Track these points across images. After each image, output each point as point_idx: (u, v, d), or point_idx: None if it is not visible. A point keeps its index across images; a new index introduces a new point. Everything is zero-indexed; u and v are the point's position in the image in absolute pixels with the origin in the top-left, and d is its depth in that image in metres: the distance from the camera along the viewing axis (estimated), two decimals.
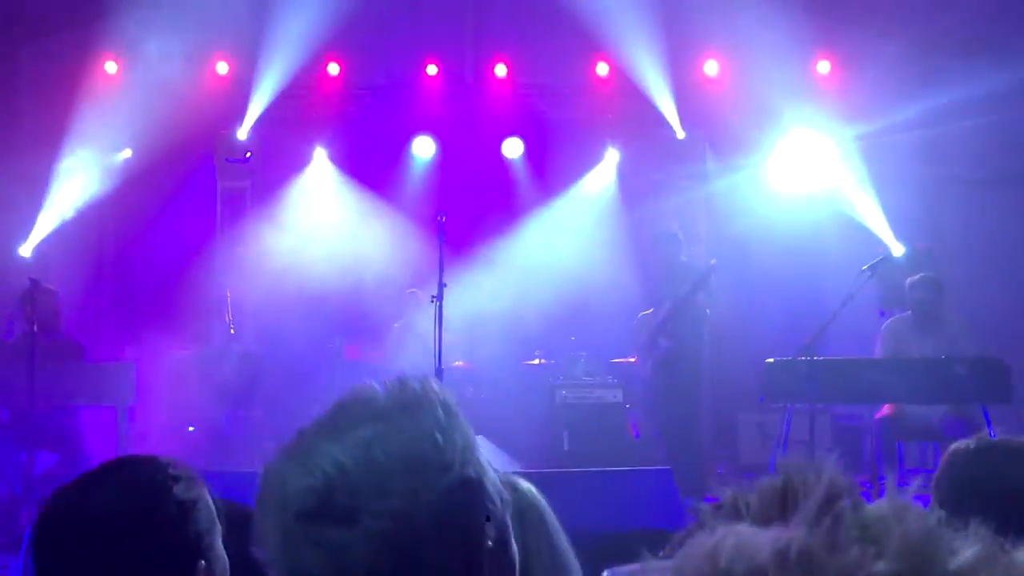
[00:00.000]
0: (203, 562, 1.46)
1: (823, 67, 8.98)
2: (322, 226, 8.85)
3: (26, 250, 8.55)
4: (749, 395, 7.66)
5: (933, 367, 6.02)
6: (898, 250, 7.75)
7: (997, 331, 7.46)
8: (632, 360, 7.59)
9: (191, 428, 7.35)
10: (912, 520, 0.60)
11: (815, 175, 8.81)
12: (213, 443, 7.29)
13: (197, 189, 9.10)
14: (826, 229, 9.06)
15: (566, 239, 8.80)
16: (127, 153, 8.85)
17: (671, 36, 8.66)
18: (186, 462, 1.59)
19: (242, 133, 8.94)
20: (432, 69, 9.27)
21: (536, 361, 8.16)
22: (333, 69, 9.16)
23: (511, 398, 8.28)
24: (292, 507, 0.93)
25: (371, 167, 9.24)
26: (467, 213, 8.38)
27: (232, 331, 7.78)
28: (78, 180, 8.67)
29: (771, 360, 6.36)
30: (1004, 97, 8.50)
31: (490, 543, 0.98)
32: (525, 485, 1.65)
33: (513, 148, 9.29)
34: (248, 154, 8.95)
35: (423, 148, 9.24)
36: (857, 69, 8.87)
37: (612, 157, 9.33)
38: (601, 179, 9.38)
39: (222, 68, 9.02)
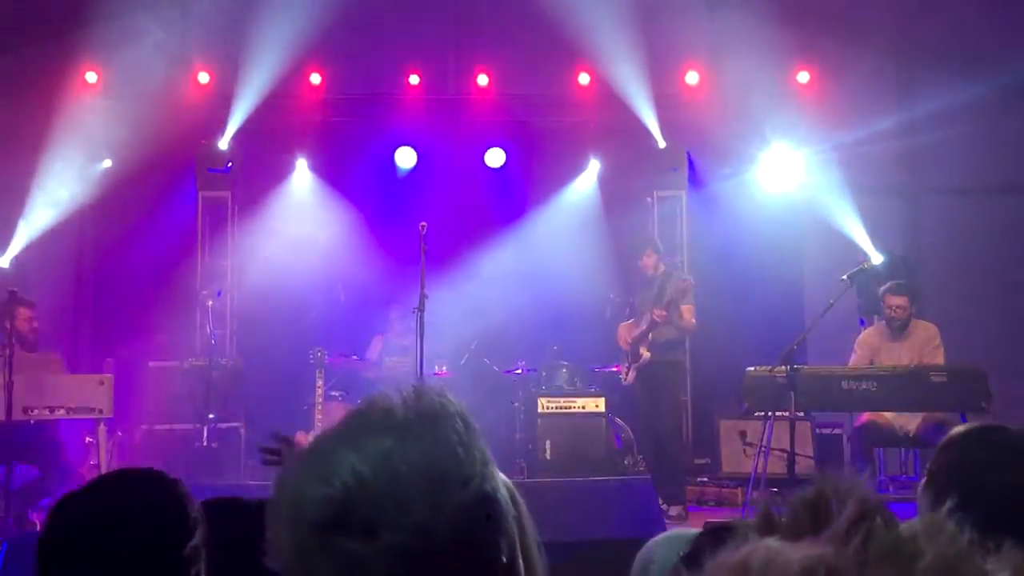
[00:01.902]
0: (196, 570, 1.49)
1: (802, 77, 9.05)
2: (304, 236, 8.83)
3: (4, 261, 8.49)
4: (730, 403, 7.69)
5: (912, 375, 6.07)
6: (877, 259, 7.81)
7: (974, 338, 7.54)
8: (614, 369, 7.61)
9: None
10: (944, 541, 0.59)
11: (795, 184, 8.88)
12: (193, 455, 7.25)
13: (178, 199, 9.05)
14: (806, 238, 9.14)
15: (548, 249, 8.82)
16: (107, 163, 8.81)
17: (652, 46, 8.71)
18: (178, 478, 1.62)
19: (223, 143, 8.91)
20: (414, 79, 9.28)
21: (518, 370, 8.17)
22: (315, 79, 9.16)
23: (493, 407, 8.28)
24: (308, 516, 0.91)
25: (353, 177, 9.23)
26: (449, 223, 8.39)
27: (212, 342, 7.74)
28: (57, 190, 8.62)
29: (752, 369, 6.39)
30: (981, 108, 8.61)
31: (504, 559, 0.97)
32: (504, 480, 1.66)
33: (495, 158, 9.30)
34: (229, 164, 8.91)
35: (405, 158, 9.24)
36: (836, 80, 8.96)
37: (594, 167, 9.36)
38: (583, 188, 9.41)
39: (203, 78, 9.00)
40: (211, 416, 7.37)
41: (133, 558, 1.43)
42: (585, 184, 9.41)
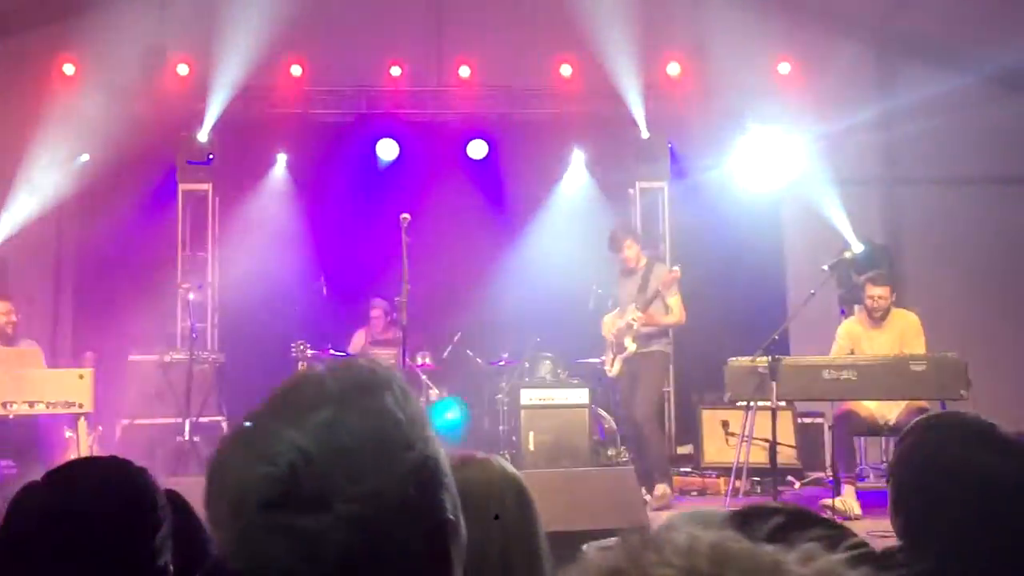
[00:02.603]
0: (163, 561, 1.48)
1: (784, 68, 9.07)
2: (285, 229, 8.79)
3: None
4: (713, 393, 7.73)
5: (891, 364, 6.12)
6: (858, 248, 7.86)
7: (954, 327, 7.59)
8: (597, 361, 7.61)
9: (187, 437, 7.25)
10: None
11: (776, 175, 8.91)
12: (174, 450, 7.21)
13: (158, 192, 8.99)
14: (788, 228, 9.18)
15: (531, 240, 8.82)
16: (86, 156, 8.73)
17: (635, 37, 8.71)
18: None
19: (203, 135, 8.84)
20: (396, 70, 9.24)
21: (502, 362, 8.17)
22: (295, 70, 9.10)
23: (477, 399, 8.29)
24: (253, 498, 0.90)
25: (334, 169, 9.19)
26: (431, 215, 8.37)
27: (193, 336, 7.69)
28: (36, 183, 8.54)
29: (734, 359, 6.42)
30: (960, 98, 8.67)
31: (450, 516, 0.98)
32: (511, 469, 1.68)
33: (477, 149, 9.28)
34: (210, 156, 8.85)
35: (387, 150, 9.21)
36: (818, 70, 8.98)
37: (577, 158, 9.36)
38: (565, 179, 9.41)
39: (182, 70, 8.93)
40: (192, 410, 7.33)
41: (90, 550, 1.41)
42: (567, 175, 9.41)
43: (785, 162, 8.83)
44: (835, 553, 0.64)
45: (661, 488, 6.64)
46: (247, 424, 0.96)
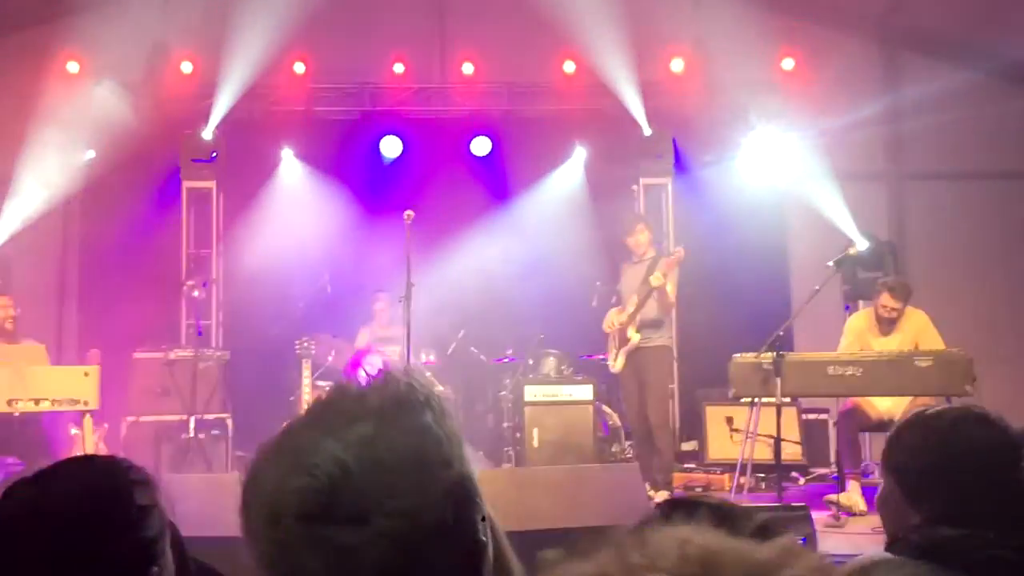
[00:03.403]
0: (156, 568, 1.45)
1: (787, 63, 9.05)
2: (290, 226, 8.79)
3: None
4: (718, 389, 7.72)
5: (896, 360, 6.10)
6: (862, 244, 7.83)
7: (959, 323, 7.57)
8: (601, 357, 7.61)
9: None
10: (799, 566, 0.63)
11: (780, 171, 8.89)
12: (180, 447, 7.23)
13: (162, 190, 9.01)
14: (791, 224, 9.16)
15: (534, 237, 8.82)
16: (91, 153, 8.74)
17: (637, 33, 8.69)
18: (143, 467, 1.58)
19: (207, 133, 8.85)
20: (399, 67, 9.23)
21: (506, 359, 8.17)
22: (299, 68, 9.10)
23: (481, 396, 8.30)
24: (291, 509, 0.89)
25: (338, 166, 9.19)
26: (435, 212, 8.37)
27: (199, 333, 7.71)
28: (41, 181, 8.55)
29: (738, 355, 6.41)
30: (965, 94, 8.64)
31: (484, 538, 0.98)
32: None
33: (481, 146, 9.28)
34: (214, 154, 8.86)
35: (391, 147, 9.21)
36: (821, 65, 8.96)
37: (580, 154, 9.36)
38: (569, 176, 9.40)
39: (186, 67, 8.93)
40: (198, 407, 7.34)
41: (57, 550, 1.38)
42: (571, 172, 9.40)
43: (789, 158, 8.82)
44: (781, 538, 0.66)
45: (662, 496, 6.68)
46: (285, 434, 0.96)
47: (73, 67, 8.78)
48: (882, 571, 1.67)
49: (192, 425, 7.23)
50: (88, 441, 6.30)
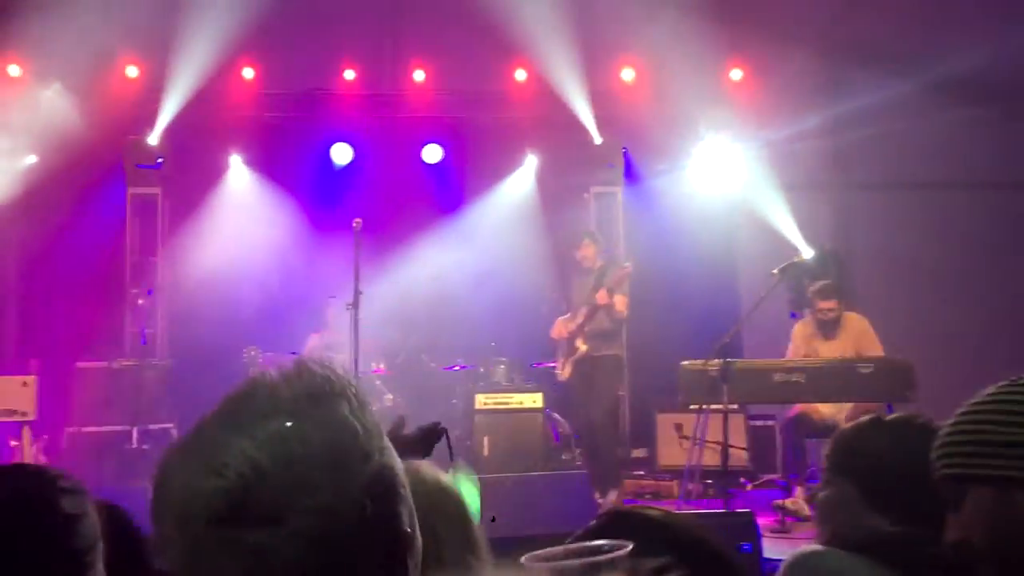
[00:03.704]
0: None
1: (735, 75, 9.18)
2: (238, 233, 8.68)
3: None
4: (666, 396, 7.77)
5: (840, 368, 6.21)
6: (807, 253, 7.96)
7: (902, 330, 7.71)
8: (552, 365, 7.63)
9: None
10: None
11: (728, 180, 9.00)
12: (122, 458, 7.09)
13: (106, 196, 8.83)
14: (740, 233, 9.27)
15: (485, 245, 8.81)
16: (32, 158, 8.55)
17: (588, 43, 8.74)
18: (75, 476, 1.54)
19: (153, 138, 8.71)
20: (350, 74, 9.19)
21: (456, 367, 8.15)
22: (248, 73, 9.01)
23: (431, 404, 8.25)
24: (201, 512, 0.86)
25: (288, 173, 9.10)
26: (386, 219, 8.33)
27: (143, 342, 7.57)
28: None
29: (686, 363, 6.46)
30: (907, 105, 8.83)
31: (407, 529, 0.95)
32: (431, 474, 1.65)
33: (432, 154, 9.26)
34: (160, 160, 8.72)
35: (341, 154, 9.15)
36: (767, 77, 9.10)
37: (531, 163, 9.38)
38: (520, 183, 9.42)
39: (132, 71, 8.79)
40: (141, 417, 7.21)
41: None
42: (522, 180, 9.42)
43: (737, 168, 8.93)
44: None
45: (613, 495, 6.71)
46: (194, 433, 0.92)
47: (15, 70, 8.60)
48: (815, 560, 1.69)
49: (135, 436, 7.10)
50: (27, 452, 6.15)
